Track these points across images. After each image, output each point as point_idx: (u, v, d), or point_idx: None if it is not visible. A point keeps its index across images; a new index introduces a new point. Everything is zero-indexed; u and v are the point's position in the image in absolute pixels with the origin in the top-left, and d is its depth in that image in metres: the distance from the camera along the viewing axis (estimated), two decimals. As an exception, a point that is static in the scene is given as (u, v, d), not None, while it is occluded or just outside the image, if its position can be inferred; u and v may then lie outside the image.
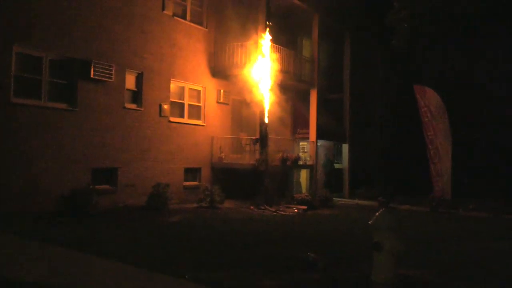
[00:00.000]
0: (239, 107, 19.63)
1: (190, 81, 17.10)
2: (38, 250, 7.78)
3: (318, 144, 20.85)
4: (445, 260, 8.44)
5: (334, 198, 18.49)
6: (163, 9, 15.87)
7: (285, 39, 18.72)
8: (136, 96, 15.06)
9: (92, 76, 13.27)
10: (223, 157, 17.62)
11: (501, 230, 13.09)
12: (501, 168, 22.81)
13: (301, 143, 20.69)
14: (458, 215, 16.28)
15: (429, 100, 17.72)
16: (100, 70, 13.48)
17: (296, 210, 15.71)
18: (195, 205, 15.18)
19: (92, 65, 13.25)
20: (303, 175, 21.19)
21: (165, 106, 15.85)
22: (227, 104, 18.63)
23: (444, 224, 13.62)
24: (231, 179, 17.20)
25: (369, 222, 6.50)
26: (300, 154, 19.79)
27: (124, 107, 14.52)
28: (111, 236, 9.19)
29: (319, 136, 20.63)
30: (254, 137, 17.60)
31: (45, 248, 7.91)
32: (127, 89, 14.73)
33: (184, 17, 16.90)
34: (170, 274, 6.49)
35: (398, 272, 6.59)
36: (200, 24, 17.58)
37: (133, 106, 14.89)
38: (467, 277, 7.29)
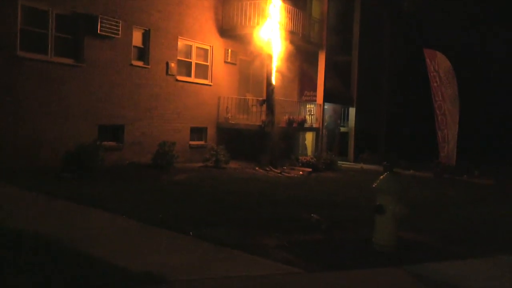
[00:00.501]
0: (247, 67, 19.47)
1: (198, 39, 16.92)
2: (43, 204, 7.90)
3: (325, 107, 20.76)
4: (447, 225, 8.50)
5: (338, 162, 18.54)
6: (171, -36, 15.55)
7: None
8: (143, 53, 14.95)
9: (98, 31, 13.12)
10: (229, 117, 17.60)
11: (504, 196, 13.14)
12: (507, 136, 22.74)
13: (307, 106, 20.59)
14: (462, 181, 16.32)
15: (439, 65, 17.49)
16: (107, 26, 13.32)
17: (301, 172, 15.78)
18: (200, 164, 15.27)
19: (99, 20, 13.08)
20: (309, 137, 21.20)
21: (172, 64, 15.74)
22: (234, 64, 18.48)
23: (448, 190, 13.67)
24: (237, 140, 17.24)
25: (373, 186, 6.55)
26: (307, 116, 19.74)
27: (131, 64, 14.43)
28: (117, 192, 9.29)
29: (326, 99, 20.51)
30: (260, 98, 17.52)
31: (51, 202, 8.03)
32: (134, 46, 14.60)
33: (192, -26, 16.57)
34: (175, 230, 6.58)
35: (400, 235, 6.68)
36: (209, -19, 17.26)
37: (140, 63, 14.80)
38: (467, 241, 7.36)
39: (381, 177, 6.54)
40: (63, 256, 4.91)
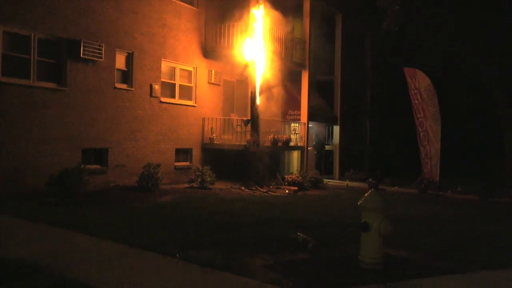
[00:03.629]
0: (231, 88, 19.60)
1: (181, 61, 17.01)
2: (28, 230, 7.79)
3: (309, 125, 20.91)
4: (433, 241, 8.56)
5: (324, 180, 18.63)
6: (153, -12, 15.68)
7: (276, 20, 18.56)
8: (127, 76, 14.98)
9: (81, 55, 13.15)
10: (214, 138, 17.63)
11: (488, 213, 13.29)
12: (489, 151, 23.08)
13: (292, 125, 20.71)
14: (446, 197, 16.48)
15: (420, 83, 17.79)
16: (90, 49, 13.36)
17: (287, 191, 15.81)
18: (186, 185, 15.23)
19: (82, 44, 13.12)
20: (294, 156, 21.28)
21: (156, 86, 15.78)
22: (218, 84, 18.59)
23: (432, 206, 13.79)
24: (222, 160, 17.26)
25: (358, 203, 6.60)
26: (292, 135, 19.84)
27: (115, 87, 14.45)
28: (102, 216, 9.21)
29: (310, 117, 20.68)
30: (245, 118, 17.60)
31: (35, 228, 7.93)
32: (117, 69, 14.63)
33: (174, -4, 16.74)
34: (161, 253, 6.54)
35: (386, 252, 6.72)
36: (191, 3, 17.44)
37: (124, 86, 14.82)
38: (453, 258, 7.41)
39: (366, 194, 6.60)
40: (47, 282, 4.85)
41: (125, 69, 14.93)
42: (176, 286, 5.23)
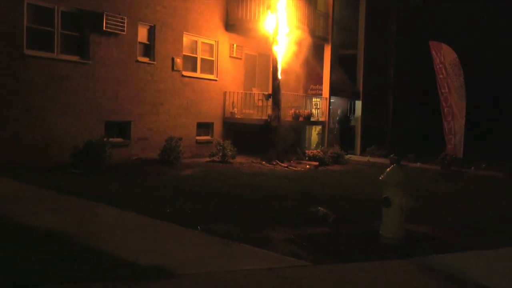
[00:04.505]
0: (252, 62, 19.48)
1: (203, 35, 16.93)
2: (52, 200, 7.94)
3: (331, 100, 20.74)
4: (455, 217, 8.49)
5: (345, 155, 18.54)
6: (175, -40, 15.55)
7: (300, -8, 18.31)
8: (149, 49, 14.99)
9: (104, 28, 13.18)
10: (236, 112, 17.63)
11: (509, 188, 13.09)
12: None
13: (314, 99, 20.57)
14: (470, 174, 16.28)
15: (445, 57, 17.41)
16: (113, 22, 13.38)
17: (307, 166, 15.80)
18: (207, 159, 15.32)
19: (104, 17, 13.14)
20: (315, 131, 21.19)
21: (178, 60, 15.77)
22: (240, 58, 18.49)
23: (455, 182, 13.64)
24: (243, 135, 17.28)
25: (380, 178, 6.56)
26: (313, 110, 19.73)
27: (137, 61, 14.48)
28: (125, 187, 9.34)
29: (332, 92, 20.50)
30: (266, 93, 17.53)
31: (60, 198, 8.08)
32: (140, 42, 14.64)
33: (197, -31, 16.56)
34: (182, 224, 6.62)
35: (407, 227, 6.69)
36: (213, -24, 17.25)
37: (146, 59, 14.84)
38: (476, 234, 7.35)
39: (388, 169, 6.55)
40: (73, 251, 4.96)
41: (147, 42, 14.94)
42: (196, 257, 5.29)
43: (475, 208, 9.65)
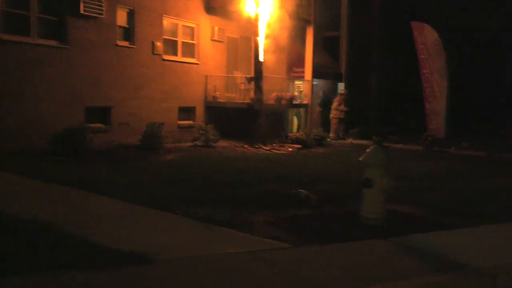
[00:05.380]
0: (234, 45, 19.31)
1: (183, 17, 16.70)
2: (33, 188, 7.83)
3: (314, 83, 20.69)
4: (437, 197, 8.56)
5: (328, 138, 18.56)
6: None
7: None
8: (128, 33, 14.75)
9: (82, 12, 12.93)
10: (218, 96, 17.51)
11: (492, 168, 13.24)
12: (496, 109, 22.87)
13: (296, 82, 20.52)
14: (451, 154, 16.42)
15: (426, 37, 17.41)
16: (90, 6, 13.12)
17: (290, 149, 15.80)
18: (189, 144, 15.23)
19: (82, 0, 12.86)
20: (298, 114, 21.16)
21: (158, 44, 15.55)
22: (221, 41, 18.30)
23: (437, 162, 13.76)
24: (226, 118, 17.18)
25: (360, 159, 6.56)
26: (295, 93, 19.68)
27: (117, 45, 14.26)
28: (106, 174, 9.24)
29: (315, 75, 20.46)
30: (248, 76, 17.42)
31: (39, 185, 7.97)
32: (119, 26, 14.41)
33: (176, -50, 16.28)
34: (163, 209, 6.57)
35: (388, 208, 6.72)
36: (193, -43, 16.97)
37: (126, 43, 14.62)
38: (458, 214, 7.41)
39: (368, 150, 6.56)
40: (51, 239, 4.88)
41: (127, 26, 14.70)
42: (177, 242, 5.26)
43: (457, 187, 9.74)
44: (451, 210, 7.61)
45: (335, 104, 19.24)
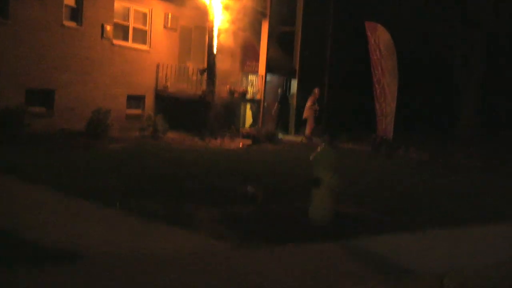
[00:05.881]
0: (188, 34, 18.84)
1: (136, 1, 16.08)
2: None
3: (268, 79, 20.48)
4: (384, 198, 8.52)
5: (279, 135, 18.42)
6: None
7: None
8: (76, 13, 14.01)
9: (26, -13, 12.16)
10: (169, 85, 17.00)
11: (437, 170, 13.47)
12: (442, 111, 23.48)
13: (250, 77, 20.25)
14: (398, 156, 16.61)
15: (379, 38, 17.47)
16: (36, -19, 12.35)
17: (241, 144, 15.53)
18: (137, 133, 14.68)
19: (27, -25, 12.11)
20: (250, 109, 20.92)
21: (108, 27, 14.89)
22: (175, 29, 17.77)
23: (384, 163, 13.87)
24: (176, 109, 16.68)
25: (310, 158, 6.38)
26: (249, 88, 19.41)
27: (63, 25, 13.50)
28: (42, 160, 8.68)
29: (269, 70, 20.24)
30: (201, 67, 17.00)
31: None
32: (66, 5, 13.64)
33: None
34: (100, 201, 6.16)
35: (337, 208, 6.58)
36: None
37: (73, 24, 13.88)
38: (404, 213, 7.39)
39: (318, 149, 6.38)
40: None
41: (75, 6, 13.95)
42: (109, 237, 4.89)
43: (403, 188, 9.77)
44: (399, 211, 7.57)
45: (309, 103, 19.00)
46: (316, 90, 18.94)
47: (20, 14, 12.26)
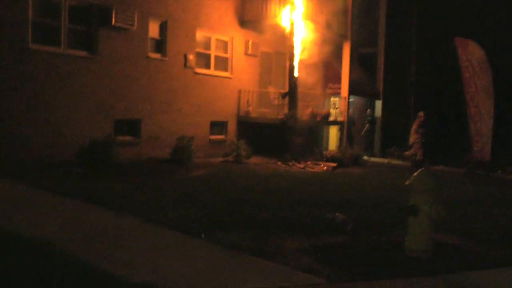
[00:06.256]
0: (268, 59, 18.86)
1: (217, 31, 16.33)
2: (46, 202, 7.37)
3: (350, 100, 19.96)
4: (487, 227, 7.71)
5: (365, 157, 17.77)
6: (188, -47, 14.94)
7: (318, -13, 17.59)
8: (160, 45, 14.43)
9: (113, 23, 12.64)
10: (251, 111, 17.01)
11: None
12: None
13: (332, 99, 19.83)
14: (497, 178, 15.38)
15: (472, 54, 16.45)
16: (122, 17, 12.83)
17: (325, 168, 15.10)
18: (220, 159, 14.71)
19: (113, 11, 12.60)
20: (334, 131, 20.45)
21: (191, 57, 15.18)
22: (255, 56, 17.85)
23: (483, 187, 12.78)
24: (258, 134, 16.64)
25: (406, 184, 5.86)
26: (331, 110, 18.99)
27: (148, 57, 13.93)
28: (128, 189, 8.76)
29: (351, 91, 19.72)
30: (283, 91, 16.86)
31: (54, 200, 7.50)
32: (151, 38, 14.10)
33: (211, -38, 15.98)
34: (184, 231, 6.00)
35: (435, 238, 5.98)
36: (229, -30, 16.64)
37: (157, 55, 14.29)
38: (507, 246, 6.59)
39: (414, 174, 5.84)
40: (50, 261, 4.36)
41: (159, 38, 14.38)
42: (195, 271, 4.67)
43: (508, 216, 8.85)
44: (504, 242, 6.78)
45: (414, 127, 18.13)
46: (421, 113, 17.87)
47: (107, 49, 12.78)
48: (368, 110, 20.83)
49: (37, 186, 8.26)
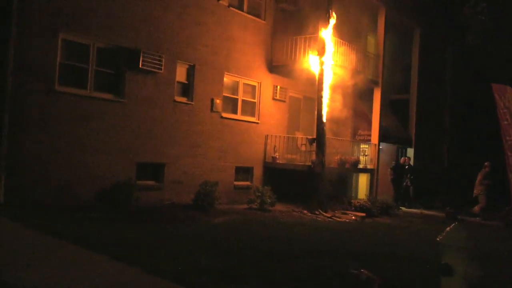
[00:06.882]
0: (297, 104, 18.63)
1: (245, 75, 16.23)
2: (51, 250, 6.95)
3: (380, 147, 19.41)
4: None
5: (396, 206, 17.07)
6: (218, -2, 15.07)
7: (348, 34, 17.44)
8: (187, 89, 14.35)
9: (140, 66, 12.65)
10: (277, 157, 16.64)
11: None
12: None
13: (361, 146, 19.31)
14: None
15: (510, 101, 15.84)
16: (150, 60, 12.85)
17: (353, 217, 14.48)
18: (245, 206, 14.28)
19: (141, 55, 12.63)
20: (363, 179, 19.80)
21: (217, 101, 15.06)
22: (283, 101, 17.64)
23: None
24: (285, 180, 16.21)
25: (437, 239, 5.32)
26: (360, 157, 18.45)
27: (174, 100, 13.85)
28: (141, 236, 8.40)
29: (382, 138, 19.20)
30: (310, 137, 16.48)
31: (59, 248, 7.09)
32: (178, 82, 14.05)
33: (241, 8, 16.04)
34: (191, 287, 5.54)
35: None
36: (258, 16, 16.67)
37: (184, 99, 14.20)
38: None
39: (448, 228, 5.31)
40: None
41: (186, 81, 14.33)
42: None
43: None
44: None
45: (479, 178, 17.39)
46: (487, 164, 17.16)
47: (134, 92, 12.74)
48: (406, 159, 20.01)
49: (49, 232, 7.93)
